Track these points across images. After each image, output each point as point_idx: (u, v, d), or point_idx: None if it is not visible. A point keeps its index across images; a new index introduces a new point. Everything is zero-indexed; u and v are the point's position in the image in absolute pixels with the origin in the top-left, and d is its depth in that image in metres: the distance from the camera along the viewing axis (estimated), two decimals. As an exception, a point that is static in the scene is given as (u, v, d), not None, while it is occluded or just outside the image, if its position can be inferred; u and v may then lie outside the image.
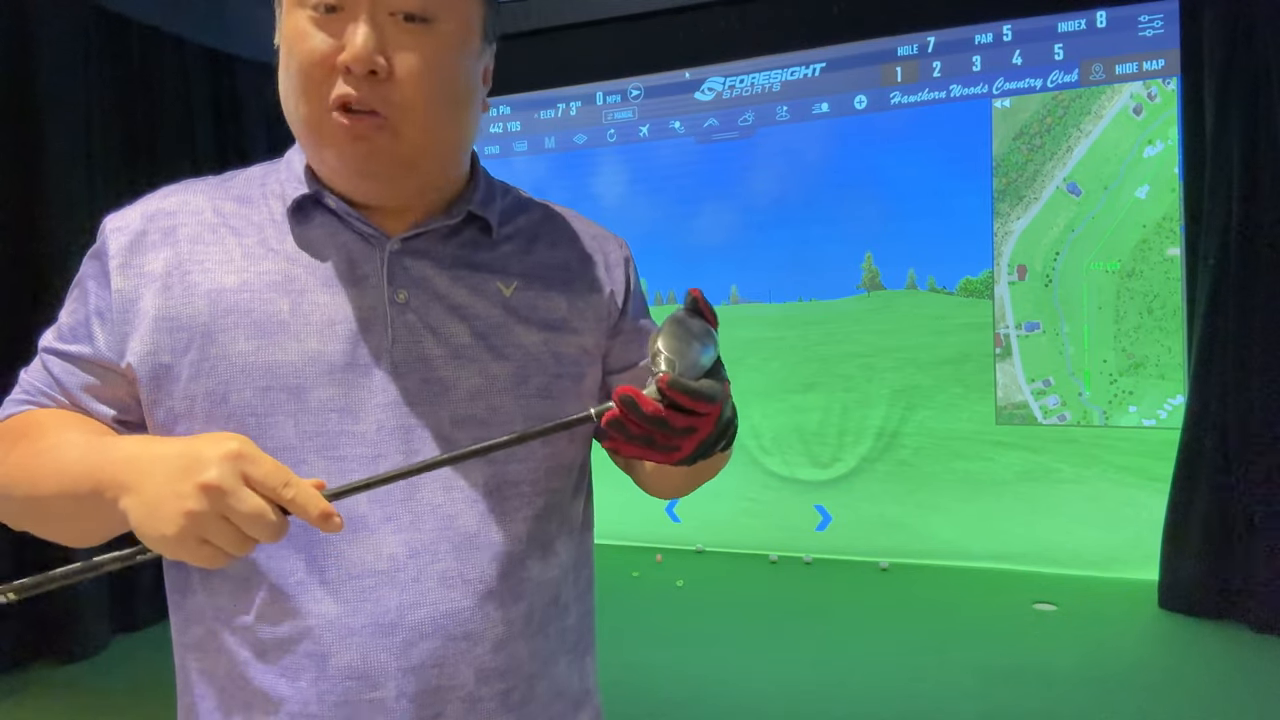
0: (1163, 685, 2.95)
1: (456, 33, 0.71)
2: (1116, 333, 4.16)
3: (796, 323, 4.78)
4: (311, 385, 0.70)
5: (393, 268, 0.73)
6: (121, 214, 0.76)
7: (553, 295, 0.79)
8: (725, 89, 4.86)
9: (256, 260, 0.73)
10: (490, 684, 0.72)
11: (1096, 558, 4.07)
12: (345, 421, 0.70)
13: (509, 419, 0.74)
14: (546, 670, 0.76)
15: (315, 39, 0.68)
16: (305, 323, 0.71)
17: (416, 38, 0.68)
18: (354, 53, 0.66)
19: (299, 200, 0.74)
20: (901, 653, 3.27)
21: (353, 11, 0.67)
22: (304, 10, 0.68)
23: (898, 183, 4.55)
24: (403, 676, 0.69)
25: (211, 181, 0.79)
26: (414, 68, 0.68)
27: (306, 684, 0.68)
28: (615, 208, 5.03)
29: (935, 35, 4.42)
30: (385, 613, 0.69)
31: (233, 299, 0.71)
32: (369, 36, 0.66)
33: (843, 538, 4.50)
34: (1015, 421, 4.34)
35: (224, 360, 0.70)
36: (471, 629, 0.71)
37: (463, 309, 0.74)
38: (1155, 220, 4.09)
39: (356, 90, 0.67)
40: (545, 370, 0.77)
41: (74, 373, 0.73)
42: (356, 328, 0.72)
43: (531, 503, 0.75)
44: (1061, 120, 4.23)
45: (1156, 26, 4.05)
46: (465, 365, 0.73)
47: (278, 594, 0.69)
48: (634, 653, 3.29)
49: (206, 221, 0.74)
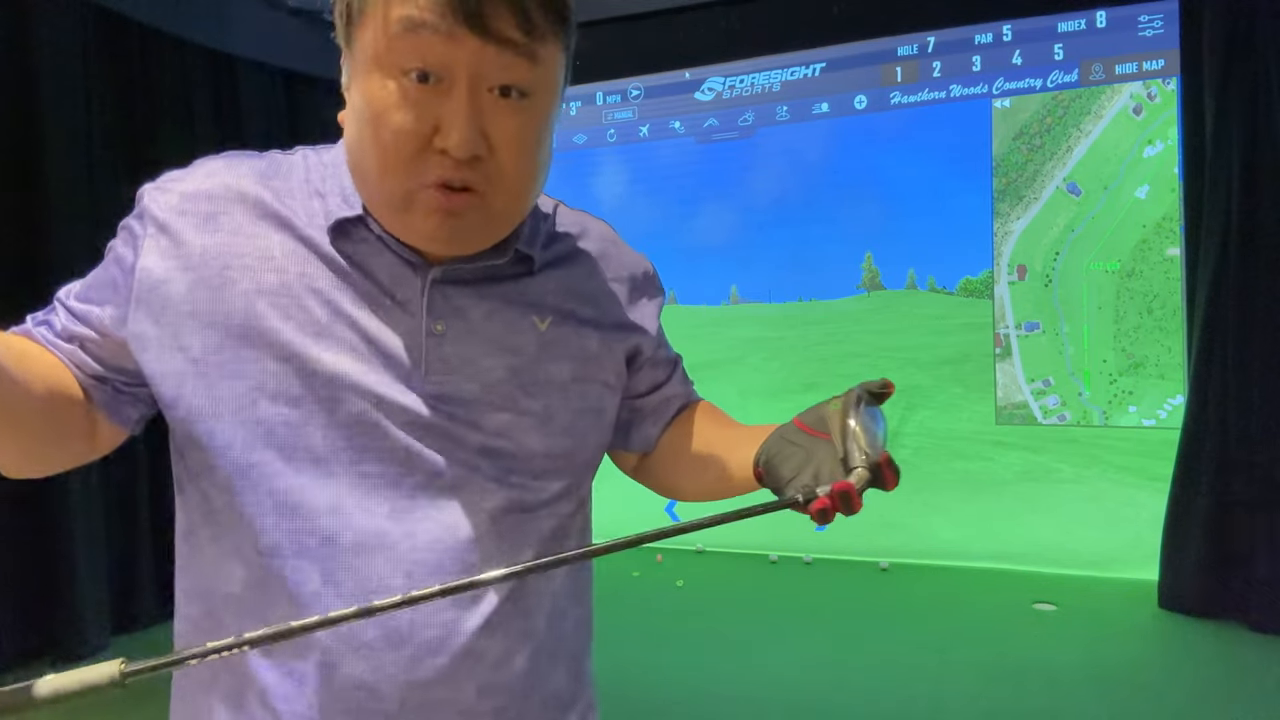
0: (1163, 685, 2.95)
1: (548, 101, 0.68)
2: (1116, 333, 4.16)
3: (796, 323, 4.78)
4: (343, 399, 0.69)
5: (433, 297, 0.71)
6: (162, 186, 0.73)
7: (585, 331, 0.78)
8: (725, 89, 4.86)
9: (299, 262, 0.70)
10: (491, 698, 0.72)
11: (1096, 557, 4.07)
12: (374, 438, 0.69)
13: (531, 455, 0.74)
14: (540, 679, 0.77)
15: (407, 113, 0.63)
16: (343, 336, 0.69)
17: (515, 114, 0.65)
18: (459, 141, 0.63)
19: (340, 222, 0.71)
20: (901, 653, 3.27)
21: (451, 85, 0.63)
22: (392, 74, 0.63)
23: (898, 183, 4.55)
24: (409, 690, 0.69)
25: (258, 166, 0.75)
26: (512, 145, 0.66)
27: (312, 692, 0.69)
28: (615, 208, 5.03)
29: (935, 35, 4.42)
30: (397, 628, 0.69)
31: (271, 301, 0.69)
32: (472, 121, 0.63)
33: (843, 538, 4.50)
34: (1015, 421, 4.34)
35: (256, 364, 0.68)
36: (477, 646, 0.71)
37: (498, 343, 0.73)
38: (1155, 220, 4.09)
39: (454, 174, 0.64)
40: (570, 407, 0.76)
41: (75, 324, 0.72)
42: (391, 351, 0.70)
43: (543, 526, 0.76)
44: (1061, 120, 4.23)
45: (1156, 26, 4.05)
46: (496, 402, 0.73)
47: (293, 603, 0.69)
48: (634, 653, 3.29)
49: (250, 212, 0.71)
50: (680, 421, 0.87)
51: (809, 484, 0.61)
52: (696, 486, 0.84)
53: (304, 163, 0.75)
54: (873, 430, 0.61)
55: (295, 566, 0.68)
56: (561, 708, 0.80)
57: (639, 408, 0.86)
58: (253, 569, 0.69)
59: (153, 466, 3.79)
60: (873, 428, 0.61)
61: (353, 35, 0.66)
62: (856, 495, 0.58)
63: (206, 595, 0.72)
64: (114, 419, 0.73)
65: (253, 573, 0.69)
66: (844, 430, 0.61)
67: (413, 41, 0.62)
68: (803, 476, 0.62)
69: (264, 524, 0.68)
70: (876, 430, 0.62)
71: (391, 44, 0.62)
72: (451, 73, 0.63)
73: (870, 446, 0.60)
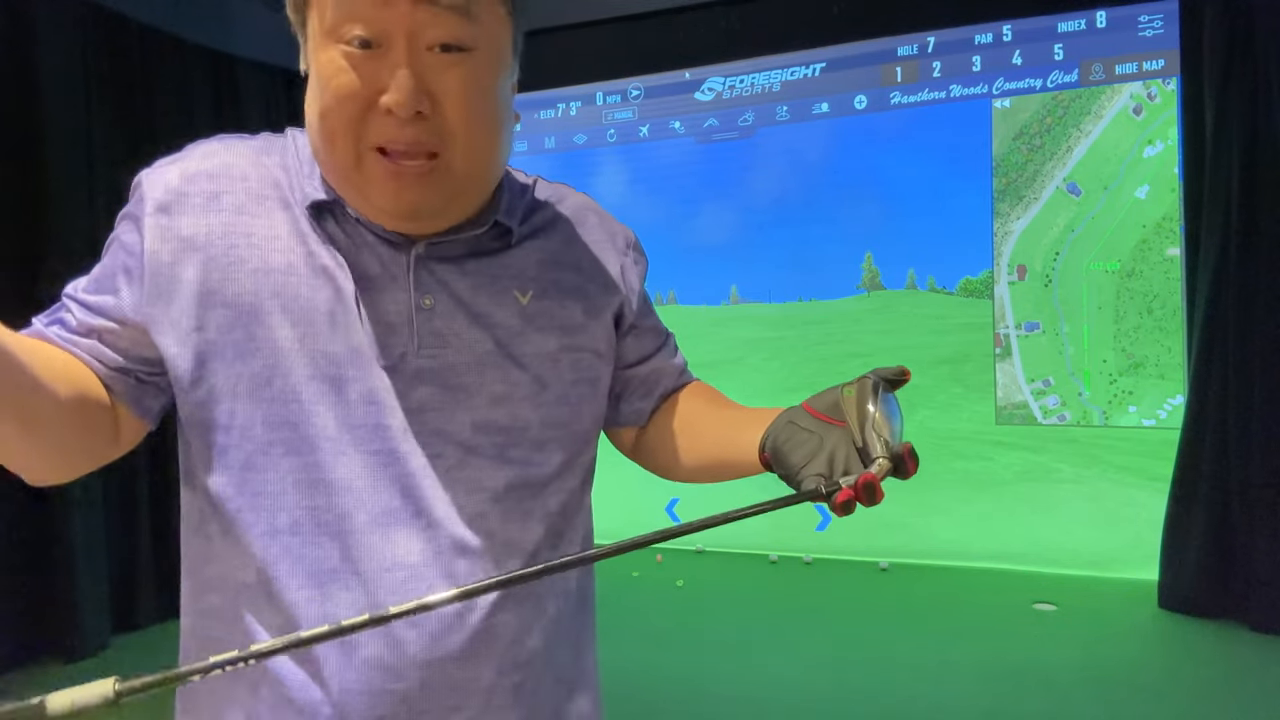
0: (1163, 685, 2.95)
1: (492, 57, 0.69)
2: (1116, 333, 4.16)
3: (796, 323, 4.78)
4: (351, 378, 0.70)
5: (419, 272, 0.73)
6: (159, 170, 0.73)
7: (568, 303, 0.79)
8: (725, 89, 4.86)
9: (303, 241, 0.71)
10: (508, 676, 0.73)
11: (1096, 558, 4.07)
12: (380, 415, 0.70)
13: (527, 425, 0.75)
14: (553, 659, 0.78)
15: (350, 77, 0.65)
16: (347, 314, 0.70)
17: (456, 68, 0.66)
18: (399, 96, 0.64)
19: (316, 205, 0.72)
20: (901, 653, 3.27)
21: (390, 47, 0.65)
22: (337, 45, 0.65)
23: (898, 183, 4.55)
24: (427, 670, 0.69)
25: (254, 145, 0.75)
26: (457, 99, 0.67)
27: (331, 672, 0.69)
28: (615, 208, 4.92)
29: (935, 35, 4.42)
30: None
31: (280, 280, 0.70)
32: (411, 76, 0.64)
33: (843, 538, 4.50)
34: (1015, 421, 4.34)
35: (269, 343, 0.69)
36: (493, 624, 0.72)
37: (483, 317, 0.74)
38: (1155, 220, 4.09)
39: (400, 132, 0.65)
40: (562, 378, 0.77)
41: (92, 317, 0.71)
42: (386, 327, 0.71)
43: (550, 501, 0.76)
44: (1061, 120, 4.23)
45: (1156, 26, 4.05)
46: (487, 372, 0.73)
47: (312, 582, 0.69)
48: (634, 653, 3.29)
49: (252, 190, 0.72)
50: (676, 399, 0.87)
51: (822, 473, 0.59)
52: (695, 467, 0.83)
53: (294, 144, 0.76)
54: (892, 419, 0.59)
55: (316, 543, 0.69)
56: (570, 689, 0.81)
57: (628, 379, 0.86)
58: (269, 552, 0.69)
59: (152, 466, 3.79)
60: (891, 416, 0.59)
61: (305, 19, 0.68)
62: (880, 487, 0.57)
63: (219, 587, 0.72)
64: (136, 411, 0.73)
65: (269, 556, 0.69)
66: (863, 418, 0.59)
67: (349, 8, 0.64)
68: (815, 464, 0.61)
69: (285, 501, 0.69)
70: (894, 419, 0.59)
71: (332, 15, 0.65)
72: (390, 35, 0.64)
73: (892, 436, 0.58)
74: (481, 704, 0.71)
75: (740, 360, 4.84)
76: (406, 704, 0.69)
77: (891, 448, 0.58)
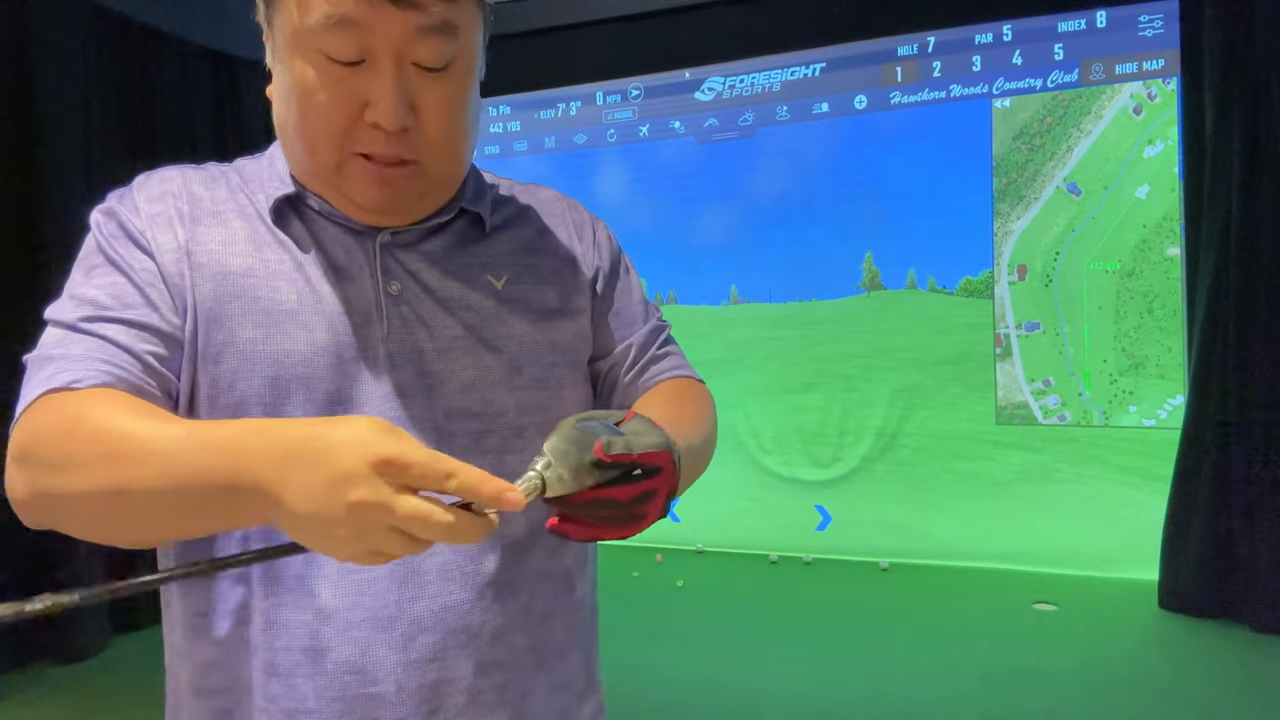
0: (1163, 685, 2.95)
1: (469, 65, 0.71)
2: (1116, 333, 4.16)
3: (796, 323, 4.78)
4: (319, 376, 0.70)
5: (384, 260, 0.74)
6: (119, 198, 0.74)
7: (543, 287, 0.79)
8: (725, 89, 4.86)
9: (259, 246, 0.72)
10: (490, 676, 0.72)
11: (1096, 558, 4.07)
12: (350, 411, 0.70)
13: (502, 411, 0.74)
14: (549, 663, 0.76)
15: (335, 93, 0.67)
16: (312, 312, 0.71)
17: (438, 85, 0.69)
18: (388, 114, 0.66)
19: (280, 201, 0.73)
20: (902, 653, 3.27)
21: (376, 64, 0.66)
22: (317, 58, 0.66)
23: (898, 183, 4.55)
24: (402, 671, 0.69)
25: (202, 172, 0.77)
26: (439, 114, 0.69)
27: (303, 679, 0.68)
28: (615, 208, 5.02)
29: (935, 35, 4.42)
30: (384, 606, 0.68)
31: (239, 283, 0.70)
32: (400, 94, 0.66)
33: (843, 538, 4.50)
34: (1015, 421, 4.34)
35: (230, 347, 0.69)
36: (470, 622, 0.71)
37: (453, 302, 0.75)
38: (1155, 220, 4.09)
39: (385, 145, 0.68)
40: (541, 360, 0.77)
41: (144, 339, 0.67)
42: (354, 320, 0.72)
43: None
44: (1061, 120, 4.23)
45: (1156, 26, 4.05)
46: (458, 358, 0.73)
47: (276, 587, 0.69)
48: (634, 653, 3.28)
49: (204, 207, 0.73)
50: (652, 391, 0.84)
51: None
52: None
53: (244, 167, 0.78)
54: (577, 443, 0.58)
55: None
56: (577, 698, 0.80)
57: (609, 367, 0.85)
58: (257, 543, 0.69)
59: (153, 466, 3.78)
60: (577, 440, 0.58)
61: (272, 14, 0.69)
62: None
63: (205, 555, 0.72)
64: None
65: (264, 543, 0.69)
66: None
67: (337, 24, 0.65)
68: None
69: None
70: (579, 444, 0.58)
71: (315, 26, 0.65)
72: (374, 50, 0.66)
73: (552, 454, 0.58)
74: (463, 703, 0.71)
75: (740, 360, 4.83)
76: (384, 706, 0.68)
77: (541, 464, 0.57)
